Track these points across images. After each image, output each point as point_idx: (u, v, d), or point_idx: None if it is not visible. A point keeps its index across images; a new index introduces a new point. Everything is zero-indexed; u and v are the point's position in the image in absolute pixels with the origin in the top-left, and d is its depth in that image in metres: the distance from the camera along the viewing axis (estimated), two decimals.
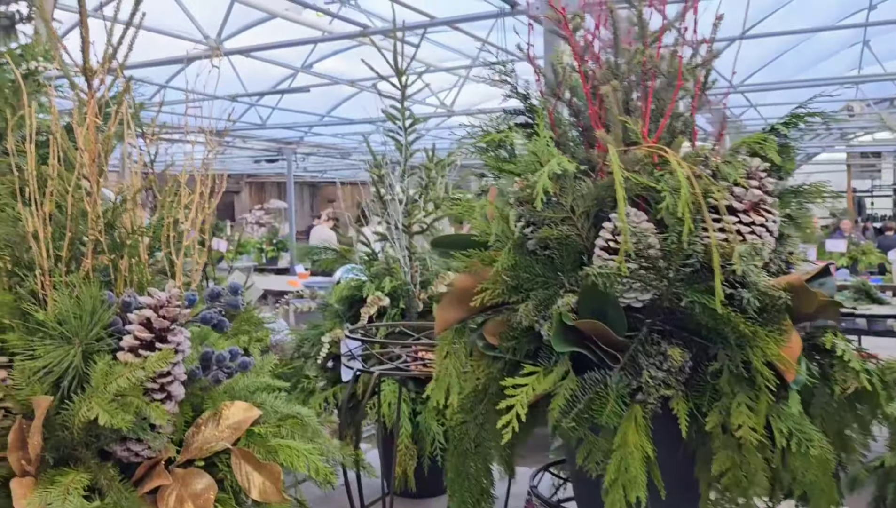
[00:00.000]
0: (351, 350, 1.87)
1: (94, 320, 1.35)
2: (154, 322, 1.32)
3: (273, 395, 1.57)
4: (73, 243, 1.47)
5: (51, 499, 1.21)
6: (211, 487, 1.38)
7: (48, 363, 1.30)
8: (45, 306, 1.44)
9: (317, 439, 1.53)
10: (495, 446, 1.13)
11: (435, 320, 1.17)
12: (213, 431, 1.46)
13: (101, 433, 1.31)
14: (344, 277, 2.46)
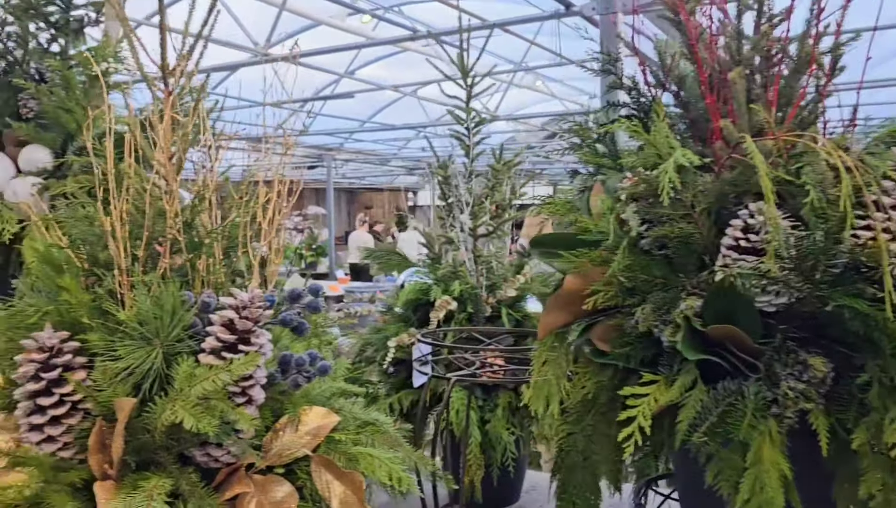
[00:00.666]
0: (424, 355, 1.81)
1: (174, 320, 1.31)
2: (237, 324, 1.27)
3: (350, 401, 1.52)
4: (150, 243, 1.44)
5: (134, 505, 1.17)
6: (292, 496, 1.32)
7: (130, 365, 1.26)
8: (123, 305, 1.40)
9: (397, 447, 1.47)
10: (604, 459, 1.06)
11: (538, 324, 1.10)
12: (291, 437, 1.41)
13: (182, 437, 1.27)
14: (408, 280, 2.40)
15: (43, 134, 1.91)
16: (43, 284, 1.42)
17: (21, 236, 1.80)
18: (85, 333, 1.35)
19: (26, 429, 1.31)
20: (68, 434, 1.30)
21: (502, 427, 2.05)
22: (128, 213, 1.45)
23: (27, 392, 1.30)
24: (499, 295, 2.26)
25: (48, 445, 1.30)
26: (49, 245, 1.41)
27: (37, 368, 1.30)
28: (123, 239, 1.42)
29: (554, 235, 1.14)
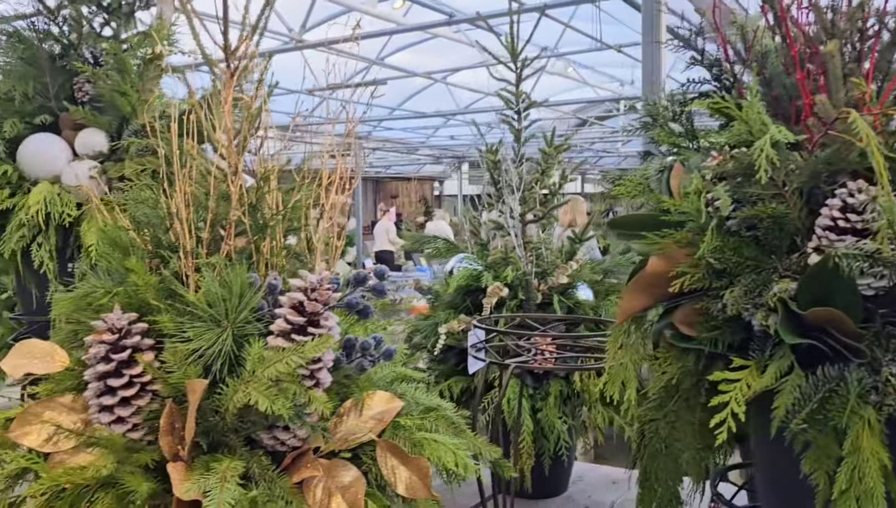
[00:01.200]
0: (480, 341, 1.80)
1: (242, 302, 1.31)
2: (306, 306, 1.27)
3: (412, 386, 1.51)
4: (214, 225, 1.44)
5: (209, 486, 1.17)
6: (359, 480, 1.33)
7: (200, 346, 1.26)
8: (188, 288, 1.41)
9: (460, 433, 1.47)
10: (686, 446, 1.04)
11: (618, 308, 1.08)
12: (355, 421, 1.41)
13: (251, 419, 1.27)
14: (457, 266, 2.39)
15: (99, 117, 1.93)
16: (109, 266, 1.43)
17: (80, 219, 1.83)
18: (152, 314, 1.36)
19: (96, 410, 1.33)
20: (137, 416, 1.32)
21: (555, 416, 2.04)
22: (192, 195, 1.45)
23: (97, 373, 1.31)
24: (550, 282, 2.24)
25: (118, 426, 1.31)
26: (115, 227, 1.42)
27: (107, 349, 1.31)
28: (188, 221, 1.43)
29: (633, 216, 1.12)
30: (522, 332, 1.73)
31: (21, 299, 2.04)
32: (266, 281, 1.37)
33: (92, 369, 1.32)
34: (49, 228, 1.79)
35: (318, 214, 1.48)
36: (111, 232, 1.41)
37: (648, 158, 1.27)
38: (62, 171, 1.89)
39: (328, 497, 1.30)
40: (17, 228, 1.75)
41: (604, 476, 2.61)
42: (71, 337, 1.49)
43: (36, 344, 1.48)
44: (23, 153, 1.89)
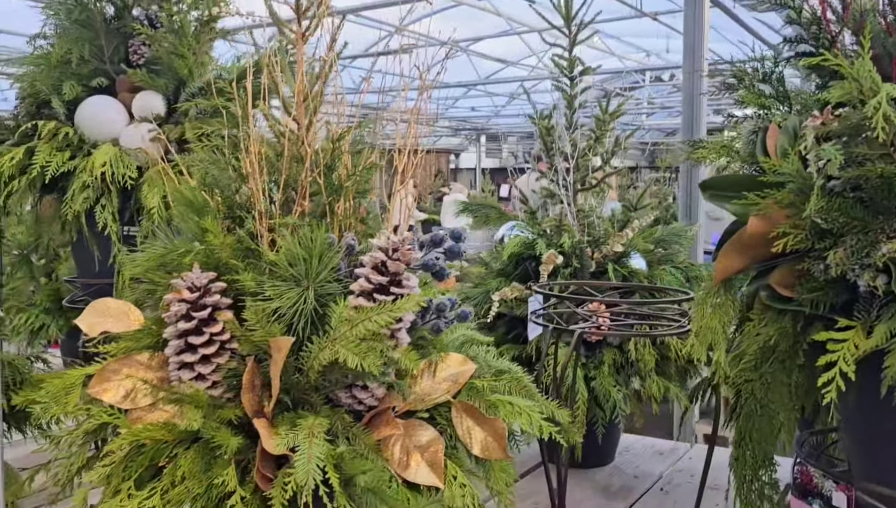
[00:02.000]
0: (542, 307, 1.82)
1: (322, 262, 1.33)
2: (389, 266, 1.29)
3: (482, 349, 1.54)
4: (286, 187, 1.46)
5: (298, 441, 1.20)
6: (437, 440, 1.35)
7: (282, 305, 1.29)
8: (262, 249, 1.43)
9: (533, 396, 1.49)
10: (782, 406, 1.05)
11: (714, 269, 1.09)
12: (430, 383, 1.43)
13: (333, 378, 1.30)
14: (508, 235, 2.41)
15: (155, 80, 1.94)
16: (183, 226, 1.46)
17: (139, 182, 1.85)
18: (230, 274, 1.39)
19: (176, 367, 1.36)
20: (217, 374, 1.35)
21: (610, 384, 2.06)
22: (264, 156, 1.47)
23: (178, 331, 1.34)
24: (604, 250, 2.25)
25: (198, 383, 1.35)
26: (190, 187, 1.44)
27: (188, 307, 1.34)
28: (262, 182, 1.45)
29: (727, 177, 1.12)
30: (589, 298, 1.74)
31: (78, 263, 2.07)
32: (344, 242, 1.39)
33: (172, 326, 1.35)
34: (111, 190, 1.81)
35: (387, 178, 1.49)
36: (187, 192, 1.43)
37: (733, 121, 1.27)
38: (120, 134, 1.91)
39: (406, 455, 1.33)
40: (80, 189, 1.78)
41: (650, 447, 2.64)
42: (144, 297, 1.52)
43: (110, 303, 1.51)
44: (81, 116, 1.91)
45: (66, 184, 1.89)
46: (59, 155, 1.82)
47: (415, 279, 1.32)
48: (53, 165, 1.79)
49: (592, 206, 2.36)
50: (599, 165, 2.37)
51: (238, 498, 1.21)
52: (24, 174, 1.80)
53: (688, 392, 2.19)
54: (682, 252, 2.41)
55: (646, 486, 2.29)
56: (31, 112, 1.91)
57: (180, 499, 1.26)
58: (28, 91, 1.89)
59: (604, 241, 2.26)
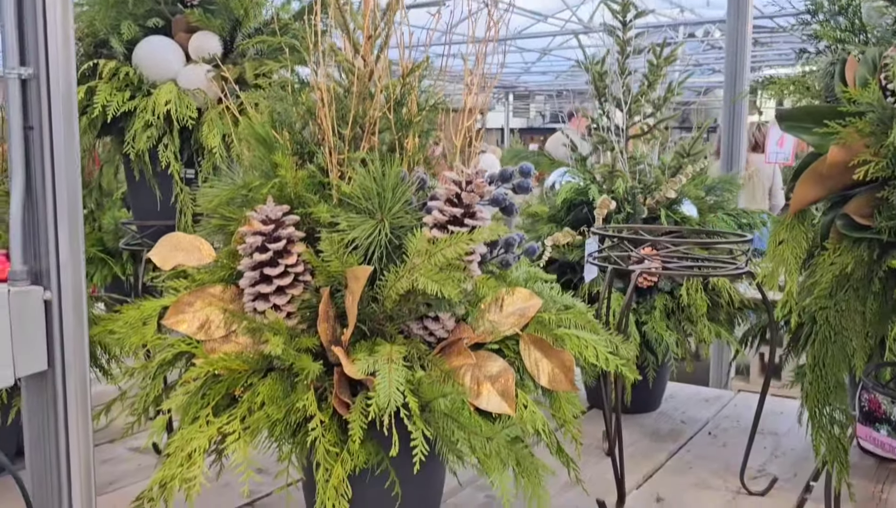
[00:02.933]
0: (599, 249, 1.84)
1: (395, 195, 1.36)
2: (463, 198, 1.32)
3: (546, 286, 1.57)
4: (355, 123, 1.49)
5: (377, 366, 1.25)
6: (507, 370, 1.40)
7: (358, 237, 1.33)
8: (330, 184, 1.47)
9: (598, 331, 1.53)
10: (855, 334, 1.08)
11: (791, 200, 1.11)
12: (497, 316, 1.47)
13: (407, 308, 1.34)
14: (559, 181, 2.43)
15: (211, 20, 1.96)
16: (255, 161, 1.49)
17: (199, 122, 1.89)
18: (302, 208, 1.43)
19: (251, 299, 1.41)
20: (291, 305, 1.40)
21: (662, 328, 2.10)
22: (333, 92, 1.50)
23: (254, 263, 1.39)
24: (656, 196, 2.26)
25: (271, 313, 1.40)
26: (261, 123, 1.48)
27: (263, 239, 1.38)
28: (331, 118, 1.48)
29: (804, 108, 1.13)
30: (649, 238, 1.76)
31: (133, 206, 2.12)
32: (415, 175, 1.42)
33: (247, 258, 1.40)
34: (173, 129, 1.85)
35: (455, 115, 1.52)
36: (258, 127, 1.47)
37: (805, 56, 1.27)
38: (177, 74, 1.94)
39: (477, 384, 1.38)
40: (143, 128, 1.82)
41: (695, 394, 2.69)
42: (214, 232, 1.57)
43: (181, 237, 1.56)
44: (138, 56, 1.94)
45: (125, 125, 1.93)
46: (119, 95, 1.86)
47: (488, 212, 1.35)
48: (114, 105, 1.84)
49: (644, 153, 2.38)
50: (651, 112, 2.37)
51: (318, 422, 1.27)
52: (85, 114, 1.84)
53: (738, 338, 2.22)
54: (732, 200, 2.42)
55: (693, 430, 2.33)
56: (90, 52, 1.95)
57: (259, 425, 1.32)
58: (86, 31, 1.93)
59: (656, 187, 2.28)
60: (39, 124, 1.20)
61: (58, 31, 1.25)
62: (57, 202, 1.22)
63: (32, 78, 1.19)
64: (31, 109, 1.20)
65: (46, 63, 1.18)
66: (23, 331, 1.20)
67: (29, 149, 1.20)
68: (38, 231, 1.22)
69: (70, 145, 1.23)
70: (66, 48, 1.25)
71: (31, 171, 1.20)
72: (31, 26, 1.24)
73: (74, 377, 1.28)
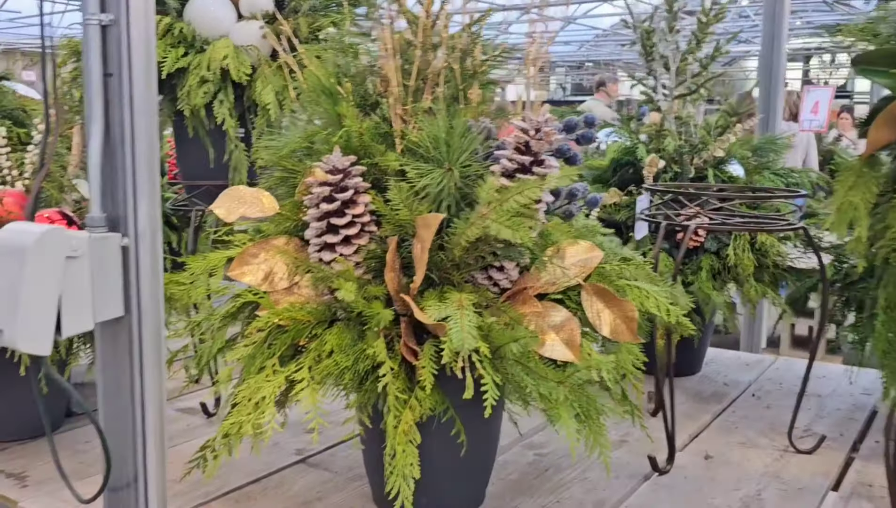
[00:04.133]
0: (649, 207, 1.84)
1: (463, 144, 1.37)
2: (532, 145, 1.32)
3: (606, 238, 1.58)
4: (420, 73, 1.49)
5: (449, 312, 1.27)
6: (571, 319, 1.41)
7: (428, 185, 1.34)
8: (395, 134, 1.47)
9: (658, 282, 1.53)
10: None
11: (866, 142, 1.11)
12: (559, 267, 1.47)
13: (475, 256, 1.35)
14: (605, 141, 2.42)
15: None
16: (321, 113, 1.50)
17: (253, 79, 1.90)
18: (368, 158, 1.44)
19: (317, 249, 1.43)
20: (357, 255, 1.41)
21: (709, 288, 2.10)
22: (398, 42, 1.50)
23: (320, 213, 1.40)
24: (704, 156, 2.25)
25: (339, 265, 1.41)
26: (325, 74, 1.48)
27: (330, 189, 1.40)
28: (396, 68, 1.48)
29: (880, 50, 1.12)
30: (705, 193, 1.75)
31: (184, 164, 2.15)
32: (482, 125, 1.43)
33: (314, 208, 1.42)
34: (227, 85, 1.87)
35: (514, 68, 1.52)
36: (322, 78, 1.47)
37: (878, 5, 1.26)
38: (230, 31, 1.95)
39: (542, 334, 1.39)
40: (199, 84, 1.83)
41: (735, 359, 2.70)
42: (277, 184, 1.59)
43: (244, 190, 1.58)
44: (191, 13, 1.95)
45: (178, 82, 1.94)
46: (173, 51, 1.87)
47: (555, 160, 1.36)
48: (170, 61, 1.85)
49: (690, 112, 2.36)
50: (697, 72, 2.36)
51: (388, 369, 1.29)
52: None
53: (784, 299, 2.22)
54: (778, 161, 2.41)
55: (737, 392, 2.35)
56: None
57: (328, 372, 1.34)
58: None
59: (703, 147, 2.27)
60: (119, 71, 1.20)
61: None
62: (136, 151, 1.23)
63: (113, 24, 1.19)
64: (112, 56, 1.20)
65: (127, 9, 1.19)
66: (102, 276, 1.22)
67: (108, 96, 1.21)
68: (115, 179, 1.24)
69: (149, 93, 1.24)
70: None
71: (110, 118, 1.22)
72: None
73: (150, 325, 1.31)
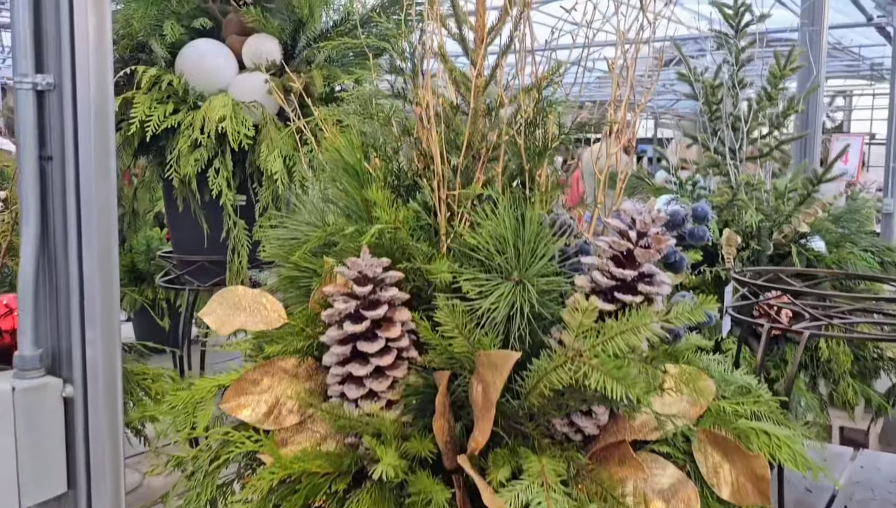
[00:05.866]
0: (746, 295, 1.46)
1: (538, 247, 0.98)
2: (637, 255, 0.93)
3: (712, 359, 1.18)
4: (470, 147, 1.11)
5: (530, 495, 0.87)
6: (684, 484, 1.03)
7: (495, 306, 0.95)
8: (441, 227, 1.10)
9: (785, 420, 1.14)
10: None
11: None
12: (659, 404, 1.08)
13: (560, 402, 0.96)
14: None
15: (270, 20, 1.60)
16: (343, 196, 1.12)
17: (256, 142, 1.52)
18: (408, 261, 1.05)
19: (338, 381, 1.05)
20: (393, 390, 1.02)
21: (799, 386, 1.71)
22: (444, 108, 1.12)
23: (344, 335, 1.02)
24: (785, 230, 1.87)
25: (366, 402, 1.02)
26: (347, 146, 1.10)
27: (357, 305, 1.01)
28: (439, 141, 1.10)
29: None
30: (831, 293, 1.36)
31: (176, 236, 1.76)
32: (556, 219, 1.04)
33: (336, 328, 1.03)
34: (225, 150, 1.49)
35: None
36: (345, 152, 1.09)
37: None
38: (229, 84, 1.58)
39: (644, 503, 0.99)
40: (190, 148, 1.46)
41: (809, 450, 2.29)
42: (286, 286, 1.20)
43: (242, 293, 1.20)
44: (184, 63, 1.59)
45: (167, 143, 1.57)
46: (160, 108, 1.50)
47: (664, 274, 0.97)
48: (155, 120, 1.48)
49: (761, 178, 1.99)
50: (768, 131, 1.99)
51: None
52: (119, 131, 1.48)
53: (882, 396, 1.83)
54: (863, 234, 2.02)
55: (822, 502, 1.94)
56: (126, 57, 1.59)
57: None
58: (122, 32, 1.57)
59: (785, 220, 1.88)
60: (61, 153, 0.83)
61: (88, 27, 0.88)
62: (84, 261, 0.85)
63: (52, 89, 0.82)
64: (50, 132, 0.83)
65: (73, 67, 0.82)
66: (34, 441, 0.83)
67: (46, 187, 0.83)
68: (57, 301, 0.86)
69: (104, 182, 0.86)
70: (99, 49, 0.89)
71: (49, 217, 0.84)
72: (51, 19, 0.87)
73: (104, 502, 0.91)
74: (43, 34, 0.87)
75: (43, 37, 0.87)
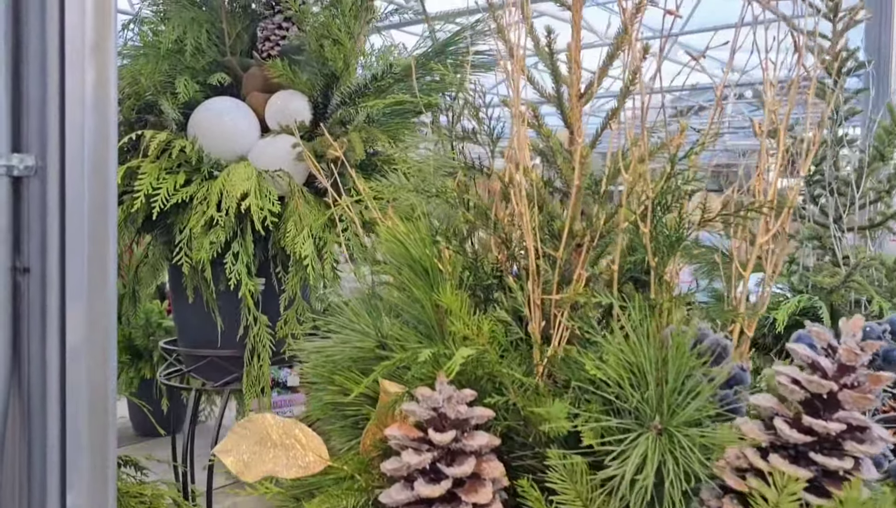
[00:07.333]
0: None
1: (683, 383, 0.75)
2: (842, 401, 0.71)
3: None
4: (571, 237, 0.90)
5: None
6: None
7: (630, 470, 0.71)
8: (541, 342, 0.87)
9: None
10: None
11: None
12: None
13: None
14: (755, 292, 1.81)
15: (299, 74, 1.41)
16: (405, 300, 0.90)
17: (282, 218, 1.31)
18: (498, 392, 0.82)
19: None
20: None
21: None
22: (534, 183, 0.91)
23: (416, 498, 0.78)
24: None
25: None
26: (418, 235, 0.88)
27: (434, 456, 0.78)
28: (533, 225, 0.89)
29: None
30: None
31: (182, 326, 1.54)
32: (709, 338, 0.81)
33: (403, 487, 0.80)
34: (245, 229, 1.27)
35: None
36: (414, 247, 0.87)
37: None
38: (250, 149, 1.38)
39: None
40: (204, 228, 1.24)
41: None
42: (328, 413, 0.97)
43: (269, 423, 0.97)
44: (198, 125, 1.39)
45: (176, 219, 1.36)
46: (170, 179, 1.30)
47: (881, 428, 0.73)
48: (164, 193, 1.27)
49: (872, 253, 1.76)
50: (876, 197, 1.77)
51: None
52: (121, 205, 1.28)
53: None
54: None
55: None
56: (132, 119, 1.39)
57: None
58: (128, 90, 1.38)
59: None
60: (42, 264, 0.63)
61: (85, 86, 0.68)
62: (68, 412, 0.63)
63: (33, 174, 0.62)
64: (28, 235, 0.63)
65: (62, 145, 0.61)
66: None
67: (20, 311, 0.62)
68: (31, 469, 0.64)
69: (102, 306, 0.64)
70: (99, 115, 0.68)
71: (23, 351, 0.62)
72: (34, 77, 0.67)
73: None
74: (23, 97, 0.67)
75: (23, 101, 0.67)
